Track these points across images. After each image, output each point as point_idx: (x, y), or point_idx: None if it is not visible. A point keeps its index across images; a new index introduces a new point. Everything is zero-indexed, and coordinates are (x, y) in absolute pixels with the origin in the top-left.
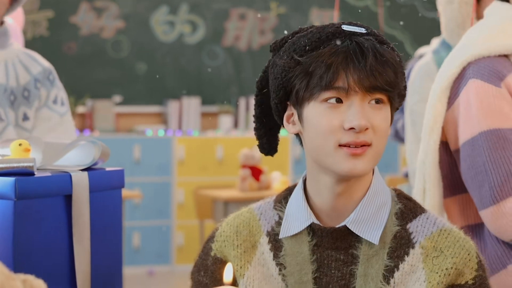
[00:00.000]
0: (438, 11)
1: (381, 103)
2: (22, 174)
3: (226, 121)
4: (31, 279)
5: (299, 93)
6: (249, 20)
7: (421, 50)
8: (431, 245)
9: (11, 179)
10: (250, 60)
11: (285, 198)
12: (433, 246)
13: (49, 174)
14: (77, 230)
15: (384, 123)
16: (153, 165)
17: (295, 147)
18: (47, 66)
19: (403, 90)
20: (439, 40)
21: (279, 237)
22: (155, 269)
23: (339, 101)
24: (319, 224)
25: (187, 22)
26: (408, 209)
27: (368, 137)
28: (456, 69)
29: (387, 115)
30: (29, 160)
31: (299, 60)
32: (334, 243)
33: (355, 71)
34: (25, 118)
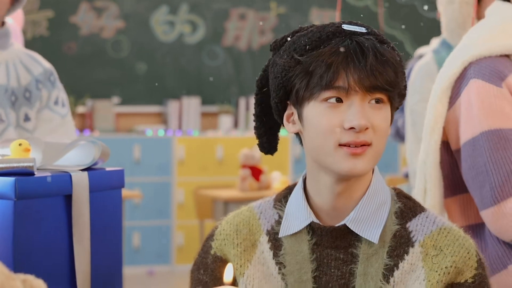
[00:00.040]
0: (438, 11)
1: (381, 102)
2: (22, 174)
3: (226, 121)
4: (31, 279)
5: (299, 93)
6: (249, 20)
7: (421, 50)
8: (430, 243)
9: (11, 179)
10: (250, 60)
11: (285, 197)
12: (433, 245)
13: (49, 174)
14: (77, 230)
15: (384, 123)
16: (153, 165)
17: (295, 146)
18: (48, 67)
19: (403, 90)
20: (439, 40)
21: (279, 236)
22: (155, 269)
23: (339, 100)
24: (318, 223)
25: (187, 22)
26: (407, 208)
27: (368, 137)
28: (457, 69)
29: (387, 114)
30: (29, 160)
31: (299, 59)
32: (333, 242)
33: (356, 71)
34: (27, 118)
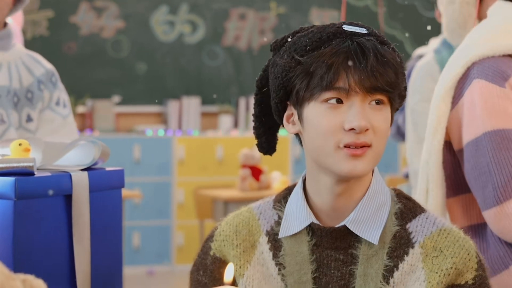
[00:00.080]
0: (437, 11)
1: (382, 104)
2: (22, 174)
3: (226, 121)
4: (31, 279)
5: (299, 93)
6: (249, 20)
7: (419, 51)
8: (430, 245)
9: (11, 179)
10: (250, 60)
11: (284, 198)
12: (433, 246)
13: (49, 174)
14: (77, 230)
15: (384, 124)
16: (153, 165)
17: (295, 147)
18: (49, 68)
19: (403, 91)
20: (439, 40)
21: (279, 236)
22: (155, 269)
23: (339, 101)
24: (318, 224)
25: (187, 22)
26: (407, 209)
27: (368, 138)
28: (460, 69)
29: (387, 116)
30: (29, 160)
31: (299, 60)
32: (333, 243)
33: (356, 72)
34: (29, 119)
